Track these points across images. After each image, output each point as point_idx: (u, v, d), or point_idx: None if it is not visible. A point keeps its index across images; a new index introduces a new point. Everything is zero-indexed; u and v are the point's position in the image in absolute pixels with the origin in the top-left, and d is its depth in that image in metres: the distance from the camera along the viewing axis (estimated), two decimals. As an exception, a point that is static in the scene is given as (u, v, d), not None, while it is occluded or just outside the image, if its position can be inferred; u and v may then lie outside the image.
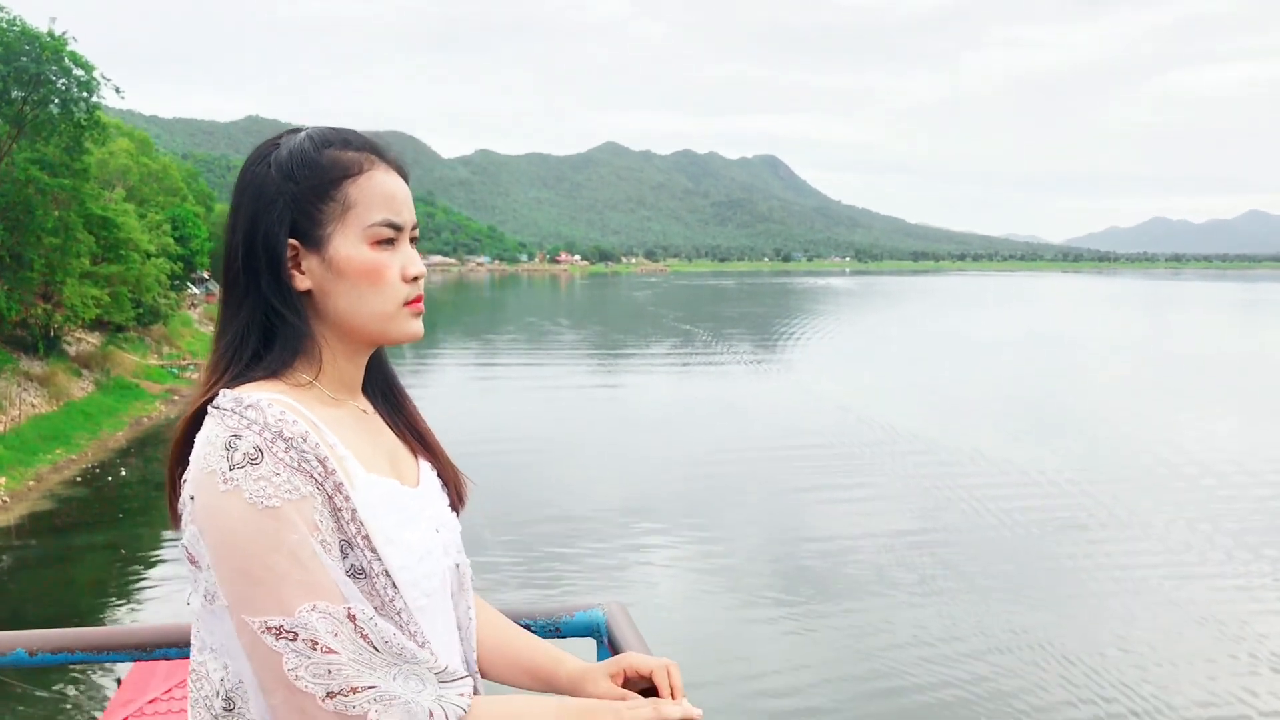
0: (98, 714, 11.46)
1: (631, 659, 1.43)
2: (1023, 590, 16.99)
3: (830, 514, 21.58)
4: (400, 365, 1.53)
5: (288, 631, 1.14)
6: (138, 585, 17.81)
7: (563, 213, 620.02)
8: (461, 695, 1.22)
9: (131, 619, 15.54)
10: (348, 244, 1.27)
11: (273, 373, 1.27)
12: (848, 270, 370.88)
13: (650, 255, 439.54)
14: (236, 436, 1.17)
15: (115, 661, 1.85)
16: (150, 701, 9.69)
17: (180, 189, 55.93)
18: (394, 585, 1.24)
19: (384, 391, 1.45)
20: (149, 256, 39.66)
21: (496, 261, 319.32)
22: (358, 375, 1.37)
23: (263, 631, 1.14)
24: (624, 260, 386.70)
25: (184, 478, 1.22)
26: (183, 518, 1.22)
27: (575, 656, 1.48)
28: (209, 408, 1.22)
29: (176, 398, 36.70)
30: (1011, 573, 17.84)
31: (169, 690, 9.92)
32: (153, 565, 18.86)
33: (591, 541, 19.18)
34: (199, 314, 59.10)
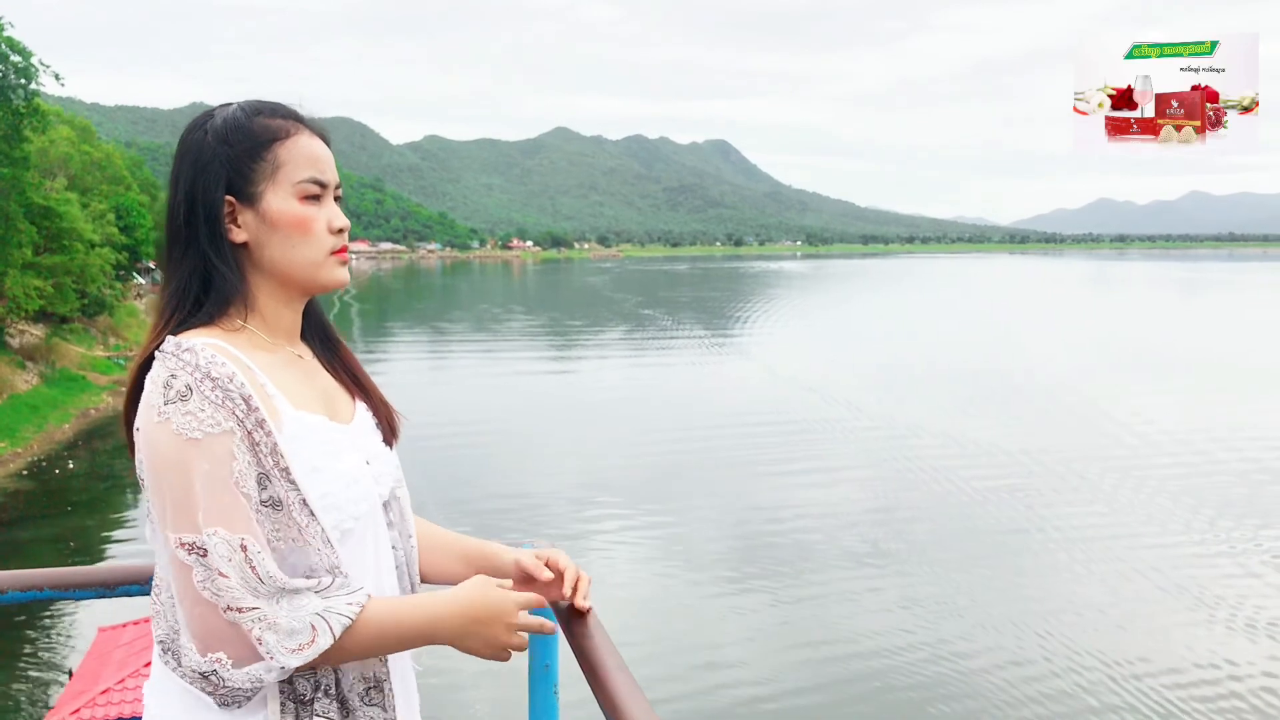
0: (52, 703, 11.41)
1: (557, 555, 1.65)
2: (980, 558, 17.45)
3: (789, 491, 21.87)
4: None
5: (199, 548, 1.29)
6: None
7: (514, 199, 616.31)
8: (350, 604, 1.35)
9: (84, 609, 15.42)
10: (279, 199, 1.43)
11: (210, 319, 1.42)
12: (799, 254, 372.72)
13: (603, 241, 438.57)
14: (173, 376, 1.33)
15: (81, 599, 1.94)
16: (103, 692, 9.69)
17: (124, 178, 54.94)
18: (311, 514, 1.37)
19: (321, 338, 1.58)
20: (93, 247, 38.97)
21: (448, 248, 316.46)
22: (295, 321, 1.51)
23: (178, 547, 1.30)
24: (577, 246, 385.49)
25: (136, 413, 1.38)
26: (136, 447, 1.38)
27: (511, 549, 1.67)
28: (156, 352, 1.38)
29: (124, 389, 36.17)
30: (968, 542, 18.31)
31: (121, 680, 9.92)
32: (102, 558, 18.68)
33: (548, 525, 19.28)
34: (145, 305, 58.17)
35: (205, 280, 1.43)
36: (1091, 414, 30.14)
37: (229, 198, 1.43)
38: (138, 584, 1.96)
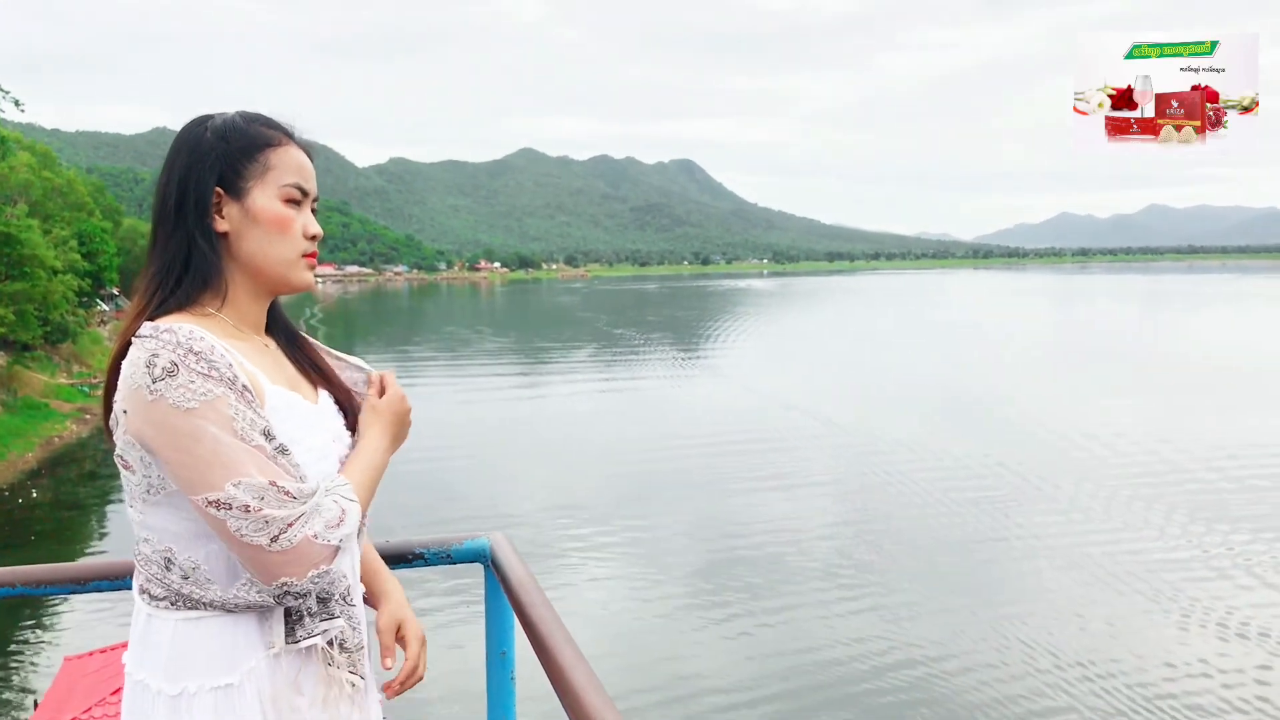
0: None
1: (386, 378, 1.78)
2: (952, 566, 17.67)
3: (760, 505, 22.01)
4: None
5: (223, 504, 1.39)
6: (53, 606, 17.39)
7: (481, 220, 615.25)
8: (343, 483, 1.53)
9: (51, 639, 15.20)
10: (265, 197, 1.55)
11: (186, 302, 1.53)
12: (765, 272, 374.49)
13: (571, 261, 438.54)
14: (155, 355, 1.41)
15: (52, 594, 1.97)
16: (70, 720, 9.51)
17: (86, 204, 54.42)
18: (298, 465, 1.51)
19: (285, 335, 1.71)
20: (55, 273, 38.57)
21: (414, 270, 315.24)
22: (261, 316, 1.63)
23: (206, 506, 1.40)
24: (545, 266, 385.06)
25: (115, 398, 1.47)
26: (115, 432, 1.47)
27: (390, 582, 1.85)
28: (132, 339, 1.46)
29: (88, 416, 35.75)
30: (941, 551, 18.53)
31: (88, 709, 9.76)
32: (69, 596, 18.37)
33: (518, 541, 19.18)
34: (109, 331, 57.54)
35: (186, 262, 1.54)
36: (1059, 424, 30.51)
37: (218, 189, 1.54)
38: (108, 580, 1.98)
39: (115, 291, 64.39)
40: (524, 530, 20.10)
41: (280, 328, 1.70)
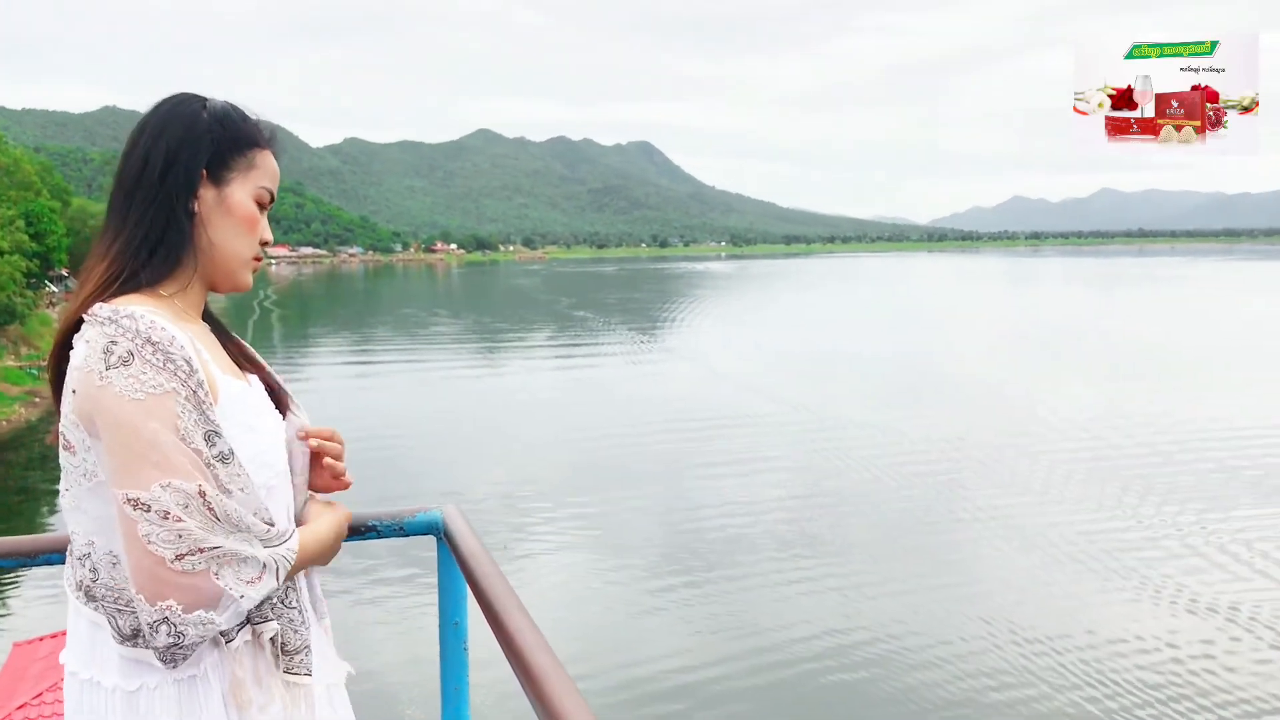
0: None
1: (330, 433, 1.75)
2: (912, 544, 17.91)
3: (720, 485, 22.14)
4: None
5: (142, 504, 1.36)
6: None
7: (437, 201, 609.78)
8: (287, 553, 1.50)
9: None
10: (242, 191, 1.57)
11: (151, 282, 1.51)
12: (723, 255, 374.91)
13: (528, 243, 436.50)
14: (113, 342, 1.39)
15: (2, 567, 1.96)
16: (19, 707, 9.38)
17: (34, 183, 53.37)
18: (241, 466, 1.48)
19: (213, 322, 1.69)
20: (1, 254, 37.79)
21: (370, 252, 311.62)
22: (201, 305, 1.62)
23: (124, 503, 1.37)
24: (502, 248, 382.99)
25: (67, 371, 1.45)
26: (63, 407, 1.46)
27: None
28: (86, 316, 1.44)
29: (38, 400, 35.11)
30: (901, 529, 18.77)
31: (39, 695, 9.62)
32: (15, 571, 18.08)
33: (478, 524, 19.13)
34: (58, 313, 56.50)
35: (161, 236, 1.52)
36: (1015, 405, 30.97)
37: (204, 170, 1.54)
38: (59, 553, 1.98)
39: (64, 273, 63.19)
40: (480, 510, 20.06)
41: (208, 315, 1.69)
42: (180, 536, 1.36)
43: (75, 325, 1.47)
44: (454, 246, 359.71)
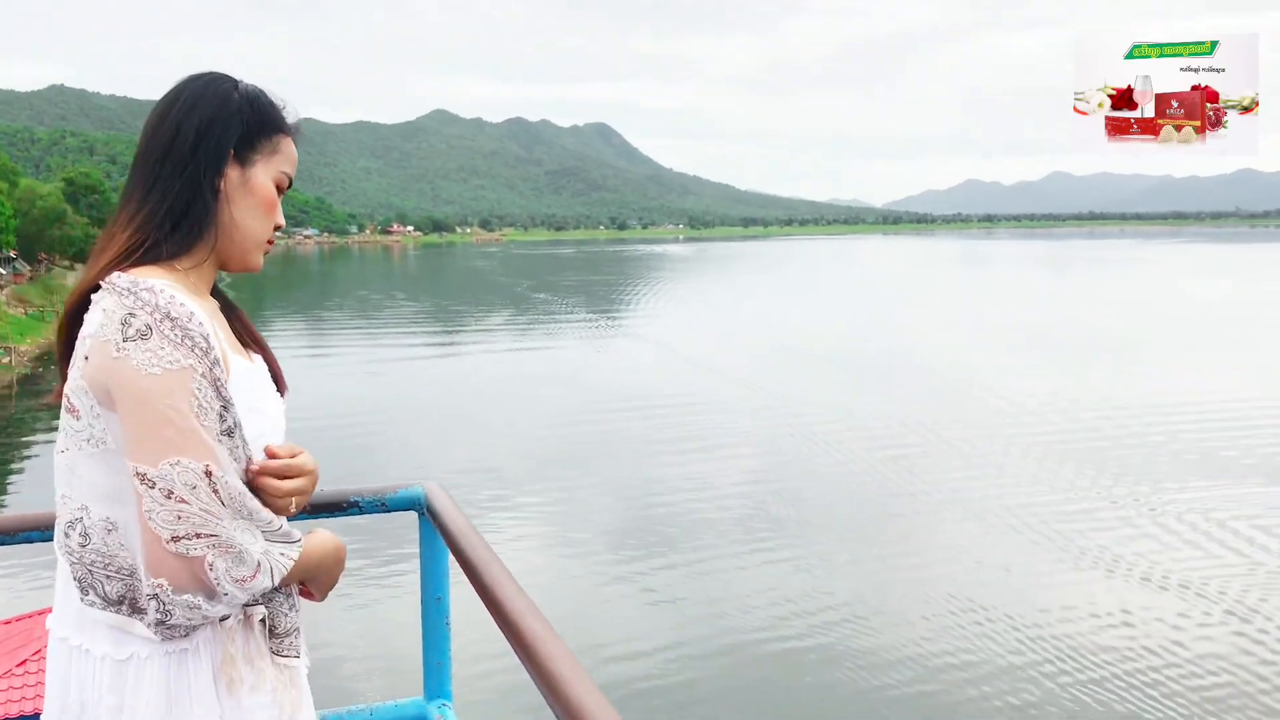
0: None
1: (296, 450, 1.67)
2: (869, 522, 18.10)
3: (680, 465, 22.23)
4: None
5: (148, 480, 1.36)
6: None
7: (393, 183, 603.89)
8: (284, 555, 1.48)
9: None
10: (265, 173, 1.59)
11: (174, 254, 1.51)
12: (681, 237, 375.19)
13: (485, 225, 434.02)
14: (131, 314, 1.39)
15: None
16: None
17: (-23, 162, 52.09)
18: (249, 448, 1.50)
19: (221, 302, 1.67)
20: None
21: (325, 234, 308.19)
22: (211, 282, 1.62)
23: (133, 475, 1.38)
24: (459, 230, 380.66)
25: (79, 336, 1.45)
26: (71, 372, 1.46)
27: None
28: (105, 283, 1.44)
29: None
30: (857, 507, 18.99)
31: (7, 672, 9.46)
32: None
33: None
34: (7, 295, 55.37)
35: (187, 209, 1.52)
36: (972, 386, 31.34)
37: (231, 150, 1.56)
38: (37, 530, 1.98)
39: (12, 255, 61.90)
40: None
41: (215, 291, 1.69)
42: (179, 518, 1.37)
43: (89, 290, 1.47)
44: (410, 228, 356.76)
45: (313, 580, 1.62)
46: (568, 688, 1.29)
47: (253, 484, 1.53)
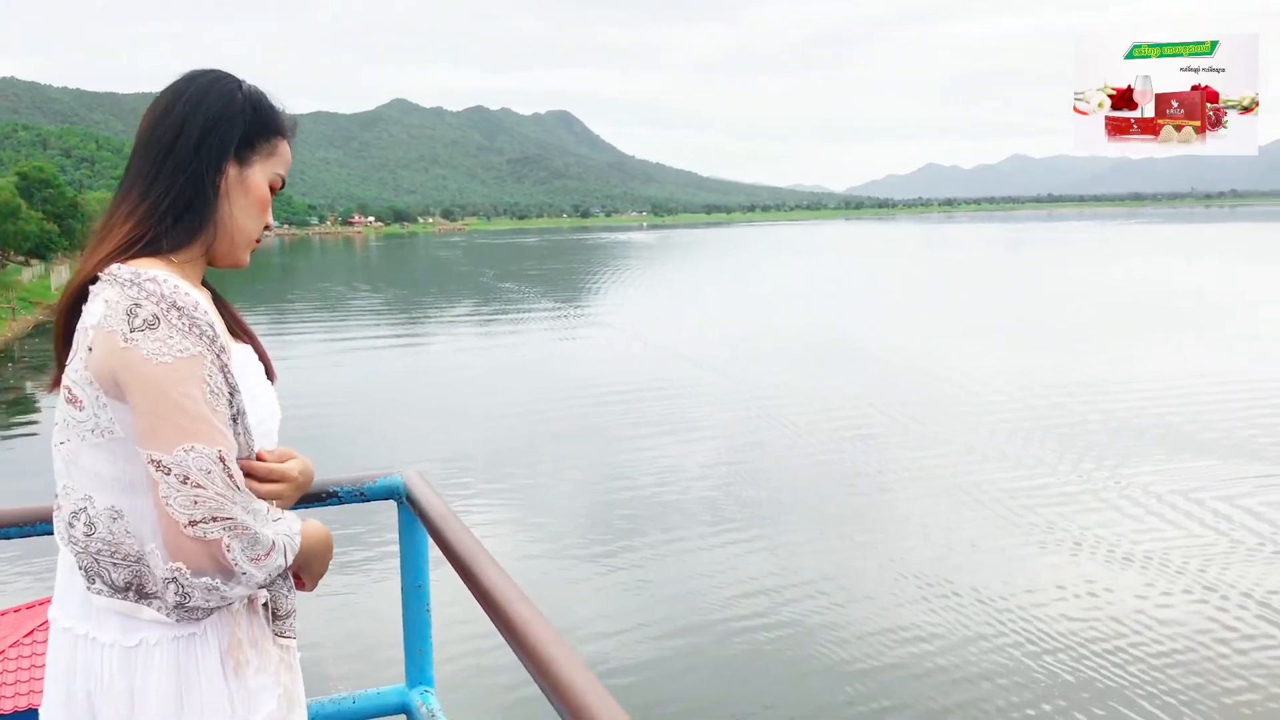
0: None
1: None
2: (836, 503, 18.23)
3: (648, 451, 22.24)
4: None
5: (164, 466, 1.39)
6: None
7: (353, 173, 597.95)
8: (292, 535, 1.54)
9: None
10: (261, 174, 1.63)
11: (175, 247, 1.54)
12: (645, 225, 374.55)
13: (447, 214, 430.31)
14: (137, 305, 1.41)
15: None
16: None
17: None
18: (251, 435, 1.54)
19: (210, 290, 1.71)
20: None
21: (285, 226, 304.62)
22: (201, 276, 1.64)
23: (148, 463, 1.40)
24: (421, 220, 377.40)
25: (79, 327, 1.48)
26: (72, 363, 1.48)
27: None
28: (104, 275, 1.46)
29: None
30: (824, 489, 19.12)
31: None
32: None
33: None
34: (-42, 292, 54.29)
35: (189, 202, 1.55)
36: (936, 368, 31.61)
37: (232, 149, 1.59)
38: (14, 526, 2.01)
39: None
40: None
41: (204, 284, 1.71)
42: (196, 502, 1.38)
43: (87, 282, 1.48)
44: (371, 219, 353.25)
45: (305, 568, 1.66)
46: (558, 669, 1.29)
47: None
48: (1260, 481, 18.97)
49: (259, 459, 1.58)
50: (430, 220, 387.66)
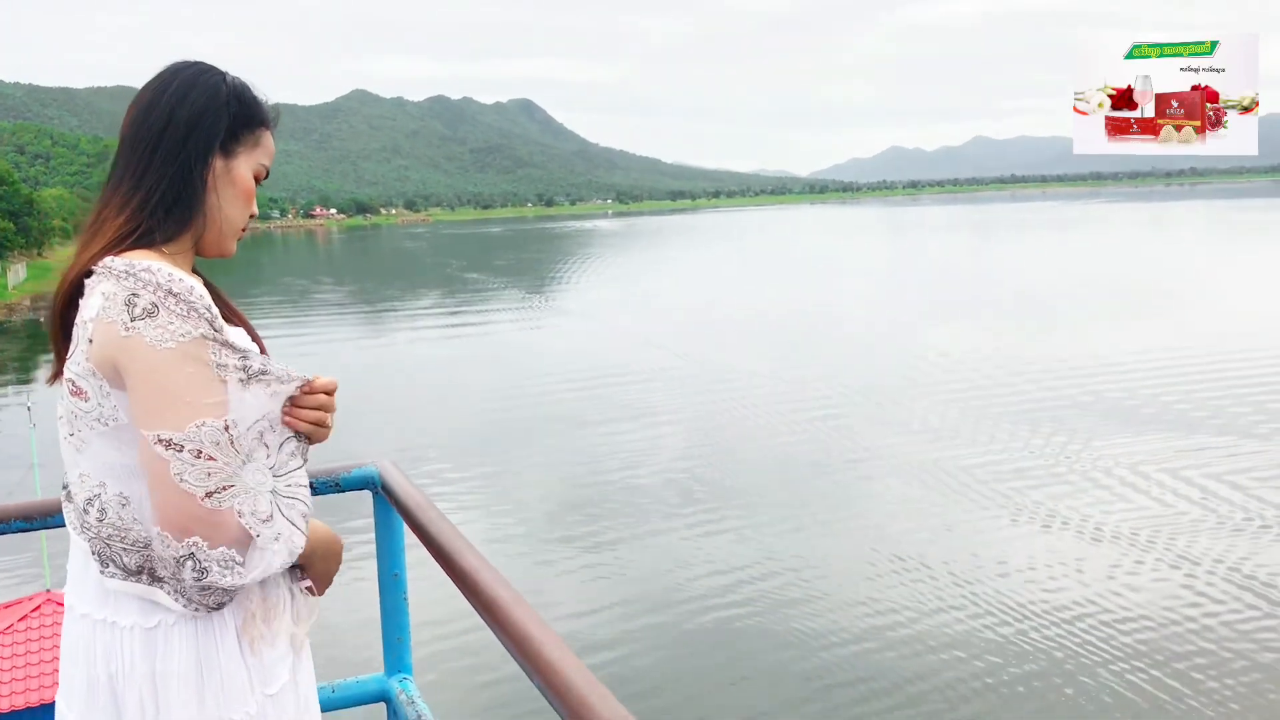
0: None
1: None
2: (808, 485, 18.39)
3: (619, 438, 22.34)
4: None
5: (175, 444, 1.42)
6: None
7: (314, 165, 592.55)
8: (305, 517, 1.58)
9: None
10: (246, 165, 1.65)
11: (168, 238, 1.56)
12: (610, 212, 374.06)
13: (411, 205, 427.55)
14: (135, 294, 1.44)
15: None
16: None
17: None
18: (289, 376, 1.61)
19: (200, 277, 1.71)
20: None
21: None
22: (190, 267, 1.65)
23: (155, 443, 1.42)
24: (384, 212, 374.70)
25: (77, 321, 1.50)
26: (73, 356, 1.51)
27: None
28: (99, 268, 1.49)
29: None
30: (796, 472, 19.27)
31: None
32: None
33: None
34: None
35: (178, 195, 1.57)
36: (903, 350, 31.86)
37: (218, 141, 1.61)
38: (21, 520, 2.04)
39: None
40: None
41: (194, 271, 1.73)
42: (210, 475, 1.43)
43: (81, 276, 1.51)
44: (334, 211, 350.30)
45: (310, 567, 1.71)
46: (540, 649, 1.31)
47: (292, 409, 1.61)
48: (1223, 452, 19.28)
49: (309, 390, 1.65)
50: (394, 212, 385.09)
